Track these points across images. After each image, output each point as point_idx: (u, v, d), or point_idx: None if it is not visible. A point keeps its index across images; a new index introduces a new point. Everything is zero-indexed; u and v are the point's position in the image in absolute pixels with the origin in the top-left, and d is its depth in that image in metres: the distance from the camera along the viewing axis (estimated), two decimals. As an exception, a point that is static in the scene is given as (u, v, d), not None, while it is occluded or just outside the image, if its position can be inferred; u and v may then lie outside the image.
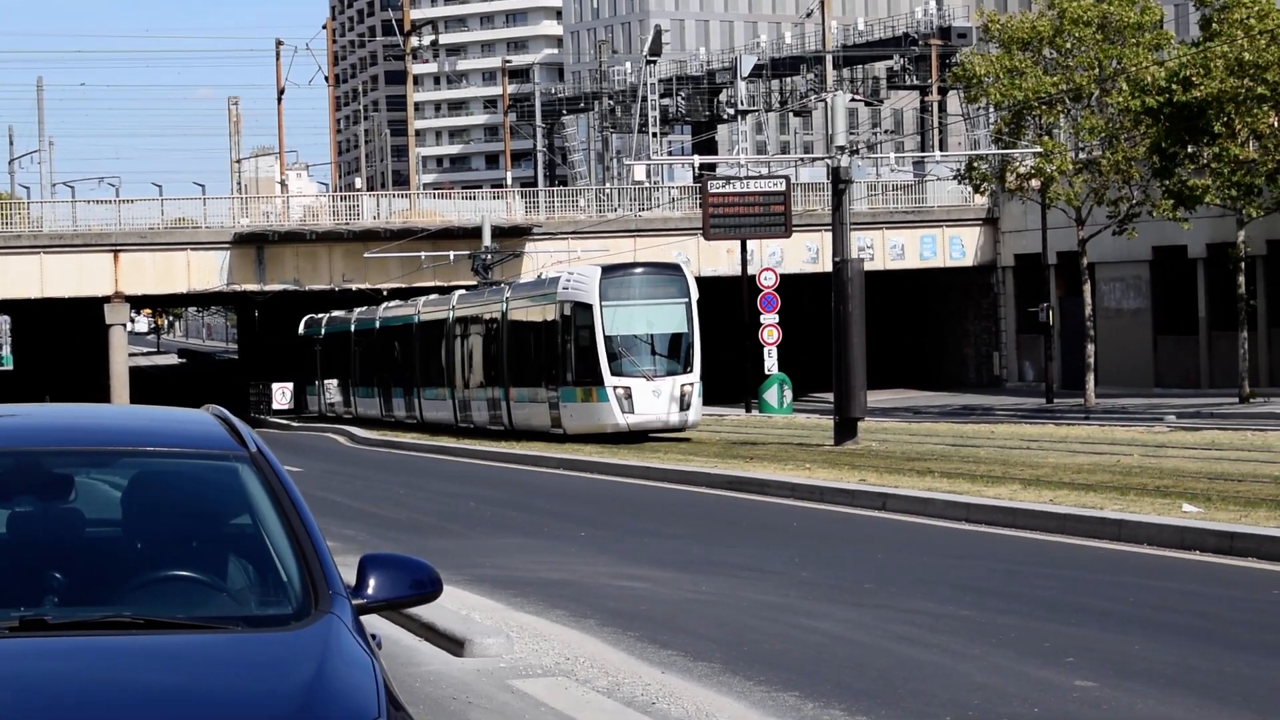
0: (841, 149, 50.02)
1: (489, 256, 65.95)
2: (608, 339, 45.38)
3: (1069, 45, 64.53)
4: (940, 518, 24.72)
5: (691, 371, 45.35)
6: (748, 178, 73.03)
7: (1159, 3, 70.70)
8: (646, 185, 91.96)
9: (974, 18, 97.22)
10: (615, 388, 44.56)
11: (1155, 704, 11.83)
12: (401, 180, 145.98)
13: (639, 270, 49.30)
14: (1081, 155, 62.95)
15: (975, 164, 67.79)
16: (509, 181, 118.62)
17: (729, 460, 35.78)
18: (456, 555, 21.34)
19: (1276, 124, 56.14)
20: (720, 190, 68.81)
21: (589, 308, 45.74)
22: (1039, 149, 61.31)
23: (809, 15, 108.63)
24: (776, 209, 64.64)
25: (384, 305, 71.40)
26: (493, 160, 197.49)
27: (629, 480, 36.04)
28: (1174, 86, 57.66)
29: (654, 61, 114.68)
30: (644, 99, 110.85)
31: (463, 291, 62.64)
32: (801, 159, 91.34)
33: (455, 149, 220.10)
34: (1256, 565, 18.14)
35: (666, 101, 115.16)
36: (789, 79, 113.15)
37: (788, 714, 11.86)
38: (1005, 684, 12.50)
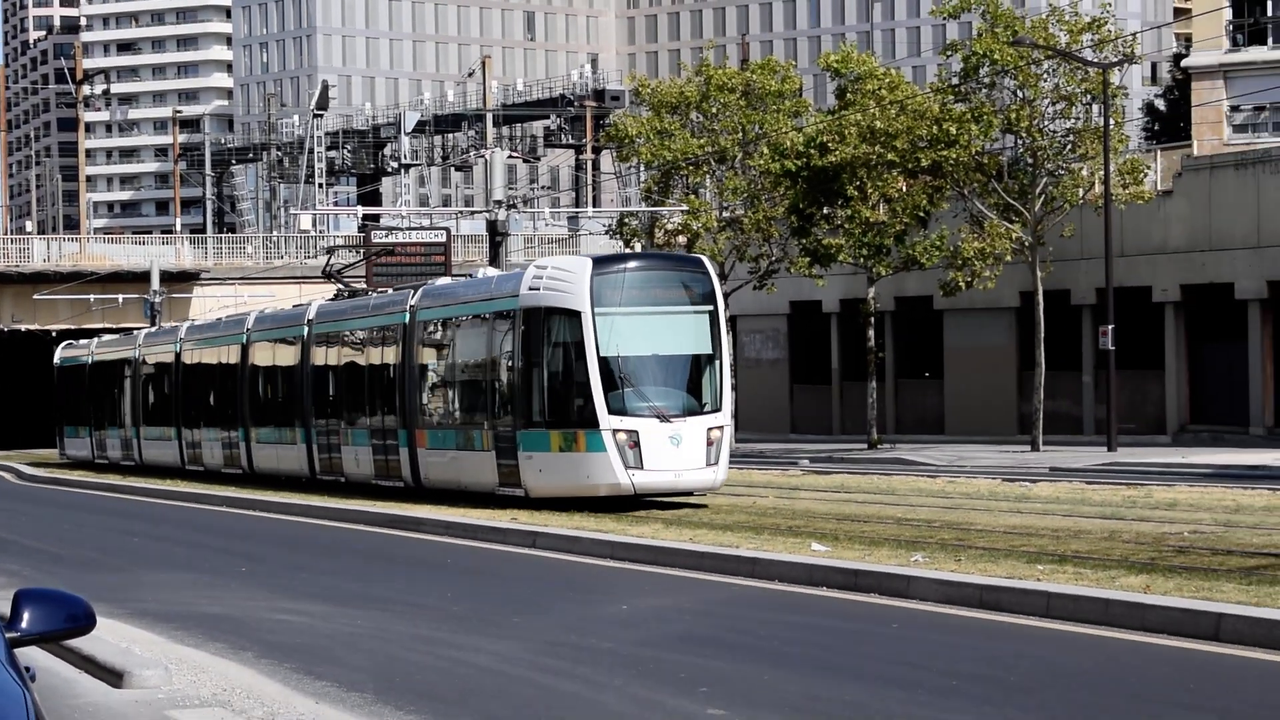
0: (499, 203, 50.43)
1: (158, 300, 65.42)
2: (603, 362, 29.82)
3: (715, 110, 65.69)
4: (588, 555, 25.06)
5: (722, 410, 30.51)
6: (410, 229, 74.00)
7: (798, 72, 72.63)
8: (313, 234, 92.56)
9: (626, 82, 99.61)
10: (615, 431, 29.43)
11: None
12: (73, 224, 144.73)
13: (647, 264, 33.64)
14: (725, 213, 64.69)
15: (626, 220, 68.80)
16: (179, 228, 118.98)
17: (392, 500, 35.23)
18: (119, 590, 21.33)
19: (904, 188, 57.90)
20: (384, 240, 69.61)
21: (576, 316, 30.09)
22: (685, 207, 62.75)
23: (470, 75, 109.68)
24: (437, 259, 65.03)
25: (97, 340, 64.79)
26: (163, 207, 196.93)
27: (293, 518, 35.14)
28: (811, 151, 59.06)
29: (321, 115, 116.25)
30: (311, 151, 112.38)
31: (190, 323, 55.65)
32: (462, 211, 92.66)
33: (126, 195, 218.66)
34: (878, 600, 18.70)
35: (333, 154, 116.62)
36: (451, 135, 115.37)
37: None
38: (642, 712, 12.75)
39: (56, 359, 68.63)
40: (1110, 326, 48.32)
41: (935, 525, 25.31)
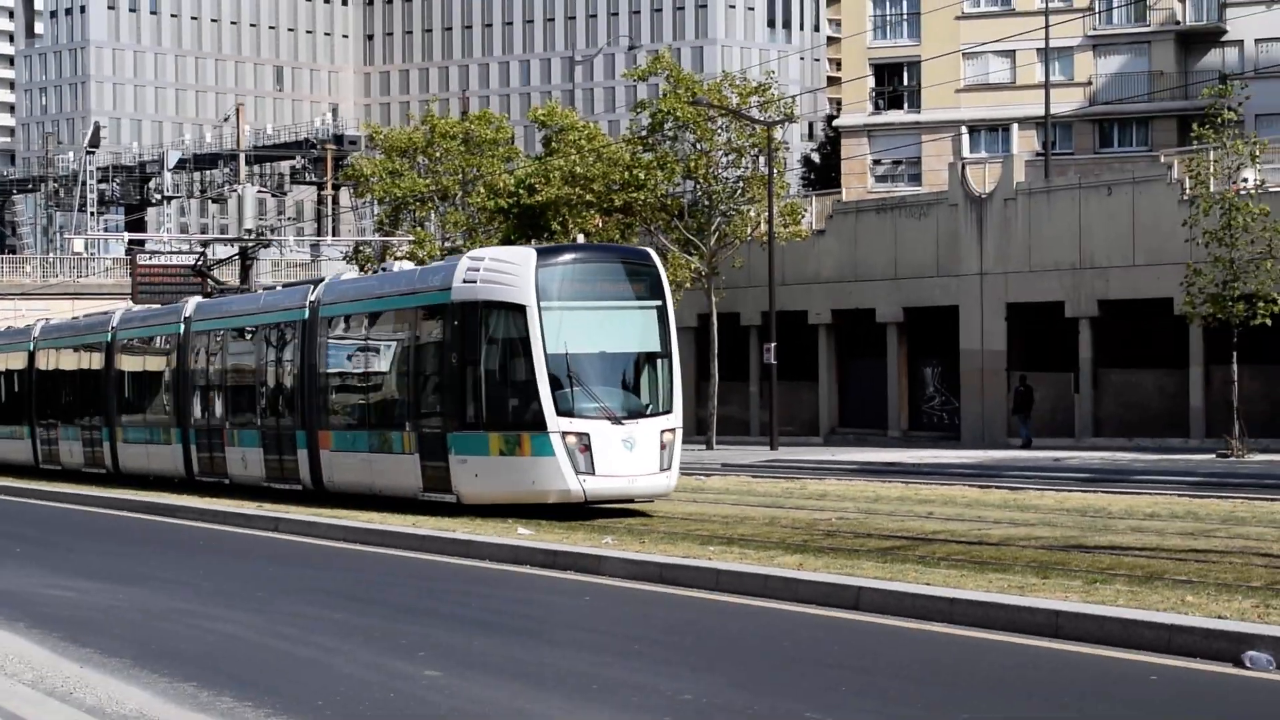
0: (250, 231, 49.62)
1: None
2: (550, 359, 24.43)
3: (439, 154, 65.81)
4: (323, 538, 24.86)
5: (674, 412, 25.40)
6: (171, 253, 74.21)
7: (510, 123, 73.33)
8: (85, 256, 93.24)
9: (362, 128, 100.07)
10: (565, 434, 24.13)
11: (487, 689, 12.27)
12: None
13: (593, 255, 27.50)
14: (447, 244, 64.58)
15: (360, 248, 69.08)
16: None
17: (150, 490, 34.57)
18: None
19: (600, 224, 58.30)
20: (147, 263, 70.17)
21: (520, 310, 24.65)
22: (412, 237, 62.73)
23: (226, 119, 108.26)
24: (195, 279, 63.51)
25: None
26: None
27: (84, 509, 33.55)
28: (521, 191, 59.45)
29: (93, 152, 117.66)
30: (84, 184, 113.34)
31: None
32: (217, 238, 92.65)
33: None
34: (574, 577, 18.88)
35: (104, 186, 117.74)
36: (209, 171, 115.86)
37: (186, 701, 11.83)
38: (368, 674, 12.76)
39: None
40: (773, 344, 49.47)
41: (618, 514, 25.13)
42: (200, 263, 48.58)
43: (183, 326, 35.88)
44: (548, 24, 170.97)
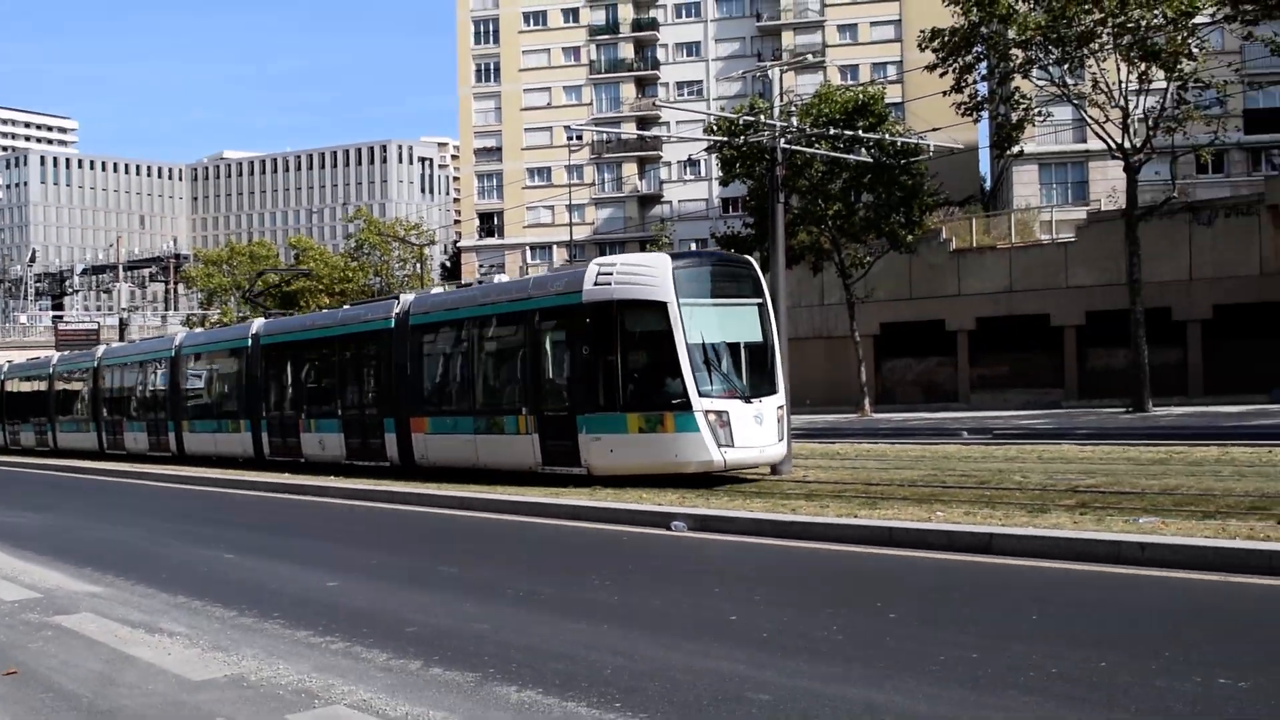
0: (125, 309, 58.38)
1: None
2: (690, 348, 20.28)
3: (235, 264, 76.40)
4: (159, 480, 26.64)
5: (780, 390, 21.36)
6: (79, 322, 77.11)
7: (278, 246, 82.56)
8: (25, 325, 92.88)
9: (191, 249, 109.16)
10: (707, 412, 20.11)
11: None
12: None
13: (713, 260, 22.55)
14: (240, 315, 71.66)
15: (190, 318, 76.43)
16: None
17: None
18: None
19: (328, 302, 67.44)
20: (64, 328, 75.07)
21: (661, 307, 20.40)
22: (220, 312, 71.55)
23: (110, 246, 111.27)
24: (93, 336, 71.28)
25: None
26: None
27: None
28: (282, 285, 70.38)
29: (31, 265, 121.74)
30: (25, 283, 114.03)
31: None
32: (124, 309, 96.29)
33: None
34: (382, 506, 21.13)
35: (38, 284, 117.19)
36: (101, 275, 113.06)
37: (83, 578, 12.23)
38: (262, 579, 11.47)
39: None
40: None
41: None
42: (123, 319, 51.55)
43: (250, 341, 30.94)
44: (297, 192, 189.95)
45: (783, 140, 24.64)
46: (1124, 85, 37.22)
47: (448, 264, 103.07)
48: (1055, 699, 6.83)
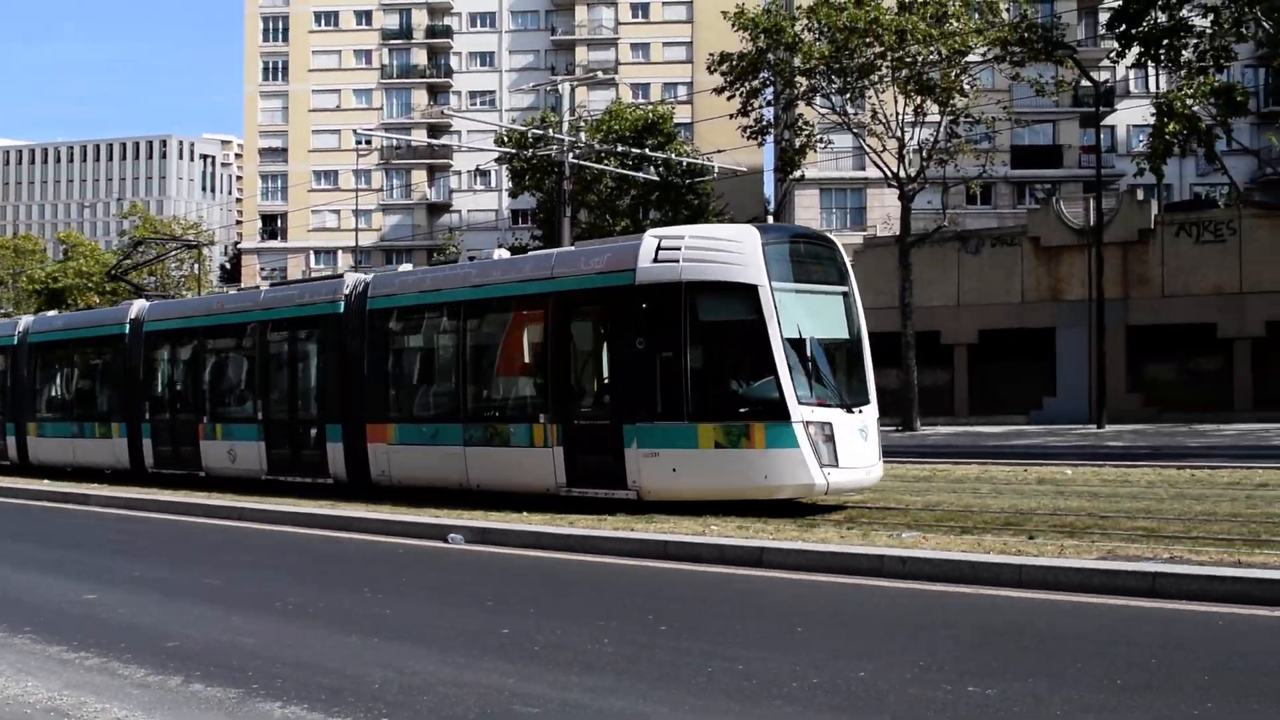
0: None
1: None
2: (787, 345, 15.79)
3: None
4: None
5: (874, 400, 17.04)
6: None
7: (46, 241, 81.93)
8: None
9: None
10: (808, 424, 15.66)
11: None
12: None
13: (803, 236, 17.77)
14: (1, 313, 71.00)
15: None
16: None
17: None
18: None
19: (97, 300, 67.87)
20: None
21: (749, 293, 15.93)
22: None
23: None
24: None
25: None
26: None
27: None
28: (49, 281, 68.96)
29: None
30: None
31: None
32: None
33: None
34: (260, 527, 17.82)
35: None
36: None
37: None
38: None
39: None
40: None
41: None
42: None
43: (129, 327, 25.77)
44: (69, 184, 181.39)
45: (571, 155, 24.87)
46: (901, 117, 38.76)
47: (228, 265, 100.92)
48: (816, 708, 7.03)
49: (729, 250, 16.18)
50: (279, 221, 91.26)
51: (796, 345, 15.77)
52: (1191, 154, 36.78)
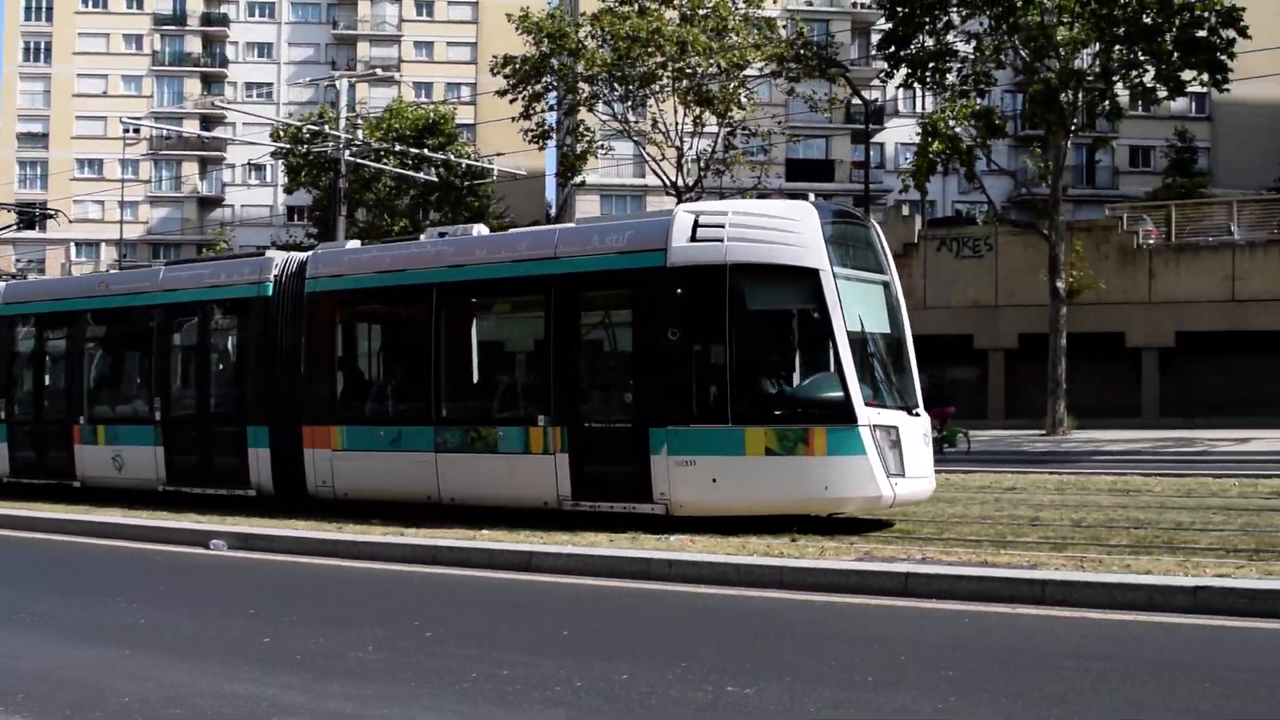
0: None
1: None
2: (852, 340, 13.62)
3: None
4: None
5: (921, 403, 14.94)
6: None
7: None
8: None
9: None
10: (874, 428, 13.54)
11: None
12: None
13: (850, 215, 15.49)
14: None
15: None
16: None
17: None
18: None
19: None
20: None
21: (808, 278, 13.62)
22: None
23: None
24: None
25: None
26: None
27: None
28: None
29: None
30: None
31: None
32: None
33: None
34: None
35: None
36: None
37: None
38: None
39: None
40: None
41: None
42: None
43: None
44: None
45: (349, 152, 24.48)
46: (680, 127, 39.46)
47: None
48: (579, 711, 7.09)
49: (784, 229, 13.98)
50: (37, 210, 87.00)
51: (857, 340, 13.83)
52: (954, 173, 38.53)
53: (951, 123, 36.15)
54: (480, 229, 16.98)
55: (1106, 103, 38.43)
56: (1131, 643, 8.74)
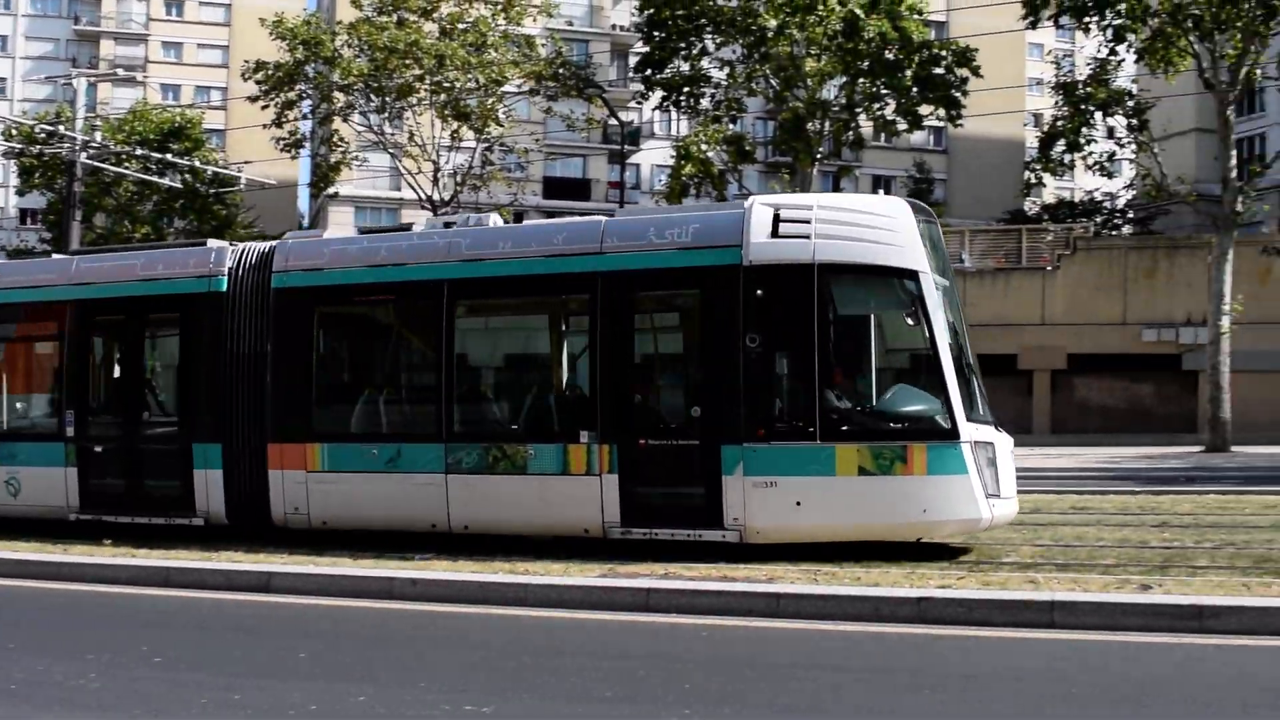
0: None
1: None
2: (955, 350, 12.50)
3: None
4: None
5: None
6: None
7: None
8: None
9: None
10: (975, 444, 12.22)
11: None
12: None
13: (926, 213, 13.10)
14: None
15: None
16: None
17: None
18: None
19: None
20: None
21: (908, 280, 12.36)
22: None
23: None
24: None
25: None
26: None
27: None
28: None
29: None
30: None
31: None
32: None
33: None
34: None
35: None
36: None
37: None
38: None
39: None
40: None
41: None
42: None
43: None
44: None
45: (84, 155, 23.42)
46: (436, 141, 39.22)
47: None
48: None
49: (878, 226, 12.60)
50: None
51: (954, 349, 12.56)
52: (706, 195, 39.55)
53: (704, 146, 37.06)
54: (495, 219, 14.79)
55: (850, 133, 40.11)
56: (849, 652, 9.12)
